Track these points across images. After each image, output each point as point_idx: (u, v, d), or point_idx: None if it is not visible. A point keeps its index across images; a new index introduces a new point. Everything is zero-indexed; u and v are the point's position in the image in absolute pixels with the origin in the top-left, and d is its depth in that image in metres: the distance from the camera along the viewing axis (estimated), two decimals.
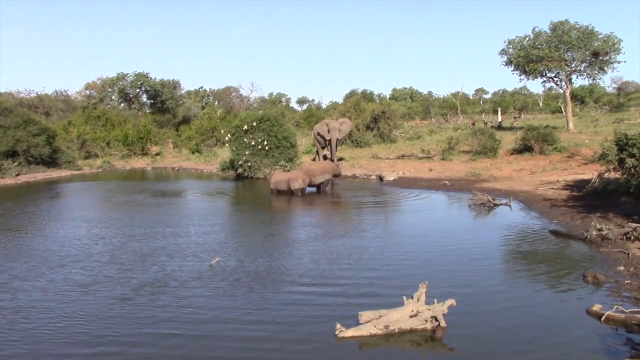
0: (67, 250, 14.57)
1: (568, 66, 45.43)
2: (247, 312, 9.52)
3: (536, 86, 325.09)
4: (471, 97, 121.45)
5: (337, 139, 33.72)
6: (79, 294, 10.72)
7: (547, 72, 46.63)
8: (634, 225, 13.54)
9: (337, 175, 26.84)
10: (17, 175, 36.74)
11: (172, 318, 9.30)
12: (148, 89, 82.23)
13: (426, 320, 8.54)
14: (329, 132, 33.05)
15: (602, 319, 8.66)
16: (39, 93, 79.92)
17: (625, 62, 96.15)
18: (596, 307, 8.99)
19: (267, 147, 31.62)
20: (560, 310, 9.36)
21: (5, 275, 12.26)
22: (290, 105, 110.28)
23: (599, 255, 12.57)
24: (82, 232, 17.15)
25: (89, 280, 11.65)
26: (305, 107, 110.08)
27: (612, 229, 13.72)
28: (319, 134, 34.08)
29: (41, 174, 38.61)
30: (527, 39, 46.38)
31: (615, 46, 43.79)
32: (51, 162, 41.67)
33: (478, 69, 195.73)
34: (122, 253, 14.02)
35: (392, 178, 28.76)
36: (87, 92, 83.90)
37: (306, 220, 18.97)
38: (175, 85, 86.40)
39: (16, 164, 37.99)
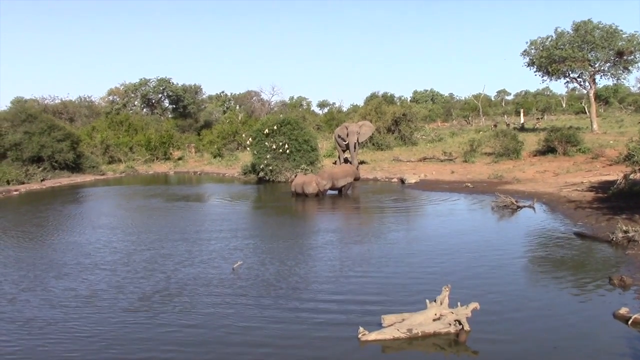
0: (103, 254, 14.72)
1: (592, 66, 44.88)
2: (270, 315, 9.55)
3: (559, 87, 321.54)
4: (493, 99, 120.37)
5: (358, 142, 33.64)
6: (107, 300, 10.84)
7: (570, 72, 46.12)
8: None
9: (357, 179, 26.90)
10: (42, 180, 37.27)
11: (195, 323, 9.36)
12: (170, 94, 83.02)
13: (450, 324, 8.49)
14: (348, 135, 32.96)
15: (629, 322, 8.54)
16: (63, 99, 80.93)
17: None
18: (623, 310, 8.86)
19: (288, 151, 31.70)
20: (587, 313, 9.24)
21: (15, 284, 12.33)
22: (311, 108, 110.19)
23: (626, 257, 12.39)
24: (108, 237, 17.31)
25: (114, 286, 11.77)
26: (326, 110, 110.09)
27: (638, 230, 13.51)
28: (339, 136, 34.05)
29: (66, 179, 39.10)
30: (549, 39, 45.93)
31: None
32: (75, 167, 42.17)
33: (500, 70, 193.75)
34: (145, 258, 14.12)
35: (413, 181, 28.65)
36: (111, 97, 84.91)
37: (329, 224, 18.97)
38: (196, 90, 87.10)
39: (41, 169, 38.54)
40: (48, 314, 10.02)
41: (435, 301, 8.84)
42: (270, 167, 31.69)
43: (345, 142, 33.29)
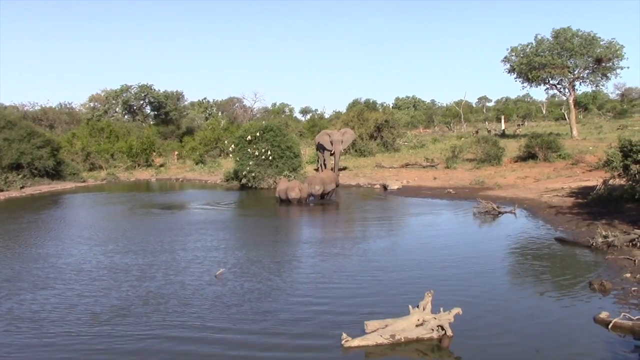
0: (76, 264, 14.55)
1: (571, 73, 45.39)
2: (253, 323, 9.49)
3: (539, 93, 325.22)
4: (474, 105, 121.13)
5: (341, 150, 33.97)
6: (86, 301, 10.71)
7: (550, 79, 46.58)
8: (639, 231, 13.48)
9: (336, 186, 27.05)
10: (21, 187, 36.84)
11: (170, 334, 9.25)
12: (152, 100, 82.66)
13: (432, 329, 8.50)
14: (331, 143, 33.20)
15: (610, 326, 8.62)
16: (43, 106, 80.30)
17: (628, 68, 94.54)
18: (603, 315, 8.94)
19: (270, 157, 31.70)
20: (567, 318, 9.31)
21: None
22: (294, 115, 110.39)
23: (605, 262, 12.50)
24: (77, 249, 17.12)
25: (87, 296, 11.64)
26: (308, 117, 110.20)
27: (617, 235, 13.66)
28: (319, 144, 34.25)
29: (46, 187, 38.69)
30: (529, 46, 46.39)
31: (618, 52, 43.73)
32: (55, 174, 41.76)
33: (481, 77, 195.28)
34: (127, 266, 13.97)
35: (396, 187, 28.75)
36: (91, 104, 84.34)
37: (312, 230, 18.96)
38: (178, 96, 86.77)
39: (20, 176, 38.09)
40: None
41: (418, 307, 8.85)
42: (253, 174, 31.62)
43: (327, 149, 33.46)
